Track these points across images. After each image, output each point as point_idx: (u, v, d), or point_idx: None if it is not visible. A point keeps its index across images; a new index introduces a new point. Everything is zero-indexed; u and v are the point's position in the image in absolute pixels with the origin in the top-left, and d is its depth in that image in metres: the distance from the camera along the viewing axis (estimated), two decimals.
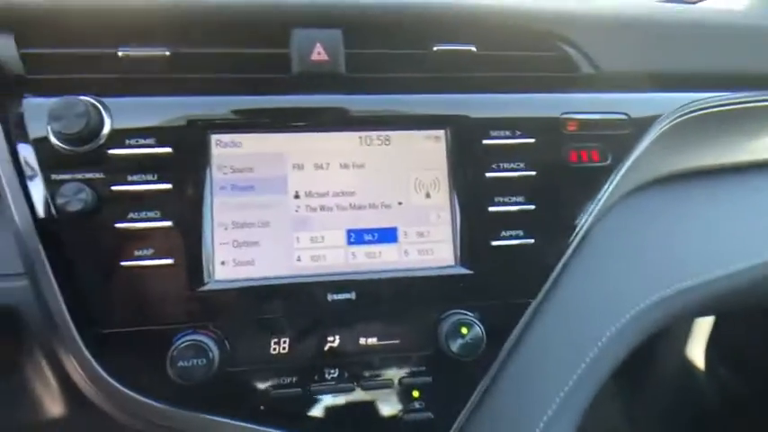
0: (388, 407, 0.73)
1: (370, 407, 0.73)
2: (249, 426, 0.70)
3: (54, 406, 0.79)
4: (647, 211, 0.86)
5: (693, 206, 0.89)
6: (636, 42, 0.85)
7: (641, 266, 0.84)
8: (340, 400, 0.72)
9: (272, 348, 0.70)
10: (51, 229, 0.66)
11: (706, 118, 0.85)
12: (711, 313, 1.32)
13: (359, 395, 0.72)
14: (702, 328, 1.59)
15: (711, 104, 0.85)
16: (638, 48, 0.85)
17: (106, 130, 0.67)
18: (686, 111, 0.84)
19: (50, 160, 0.67)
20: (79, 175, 0.66)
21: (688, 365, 1.63)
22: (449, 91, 0.78)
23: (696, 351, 1.62)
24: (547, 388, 0.78)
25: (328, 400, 0.72)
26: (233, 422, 0.69)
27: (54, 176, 0.66)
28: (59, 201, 0.64)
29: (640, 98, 0.83)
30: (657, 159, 0.85)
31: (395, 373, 0.73)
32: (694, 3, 1.14)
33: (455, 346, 0.70)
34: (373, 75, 0.77)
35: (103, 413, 0.70)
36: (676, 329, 1.63)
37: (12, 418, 0.82)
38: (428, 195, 0.75)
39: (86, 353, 0.66)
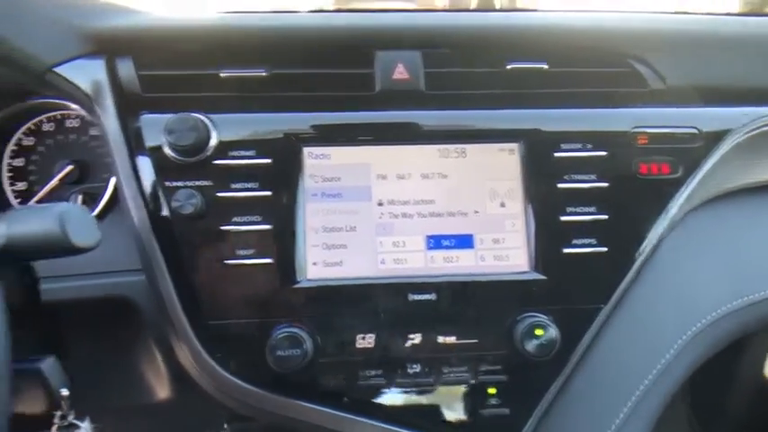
0: (466, 402, 0.77)
1: (448, 401, 0.77)
2: (335, 413, 0.75)
3: (161, 389, 0.87)
4: (719, 223, 0.87)
5: (766, 218, 0.89)
6: (704, 56, 0.87)
7: (713, 277, 0.85)
8: (420, 393, 0.76)
9: (357, 342, 0.75)
10: (166, 229, 0.75)
11: None
12: None
13: (438, 390, 0.76)
14: None
15: None
16: (707, 62, 0.87)
17: (213, 142, 0.75)
18: (758, 125, 0.84)
19: (165, 169, 0.75)
20: (190, 183, 0.75)
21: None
22: (522, 106, 0.82)
23: None
24: (619, 391, 0.80)
25: (409, 393, 0.76)
26: (321, 408, 0.75)
27: (168, 183, 0.75)
28: (174, 204, 0.72)
29: (710, 112, 0.85)
30: (729, 172, 0.85)
31: (472, 371, 0.76)
32: None
33: (530, 346, 0.73)
34: (451, 92, 0.82)
35: (206, 395, 0.77)
36: (755, 346, 1.58)
37: (125, 400, 0.91)
38: (503, 204, 0.79)
39: (196, 342, 0.74)
